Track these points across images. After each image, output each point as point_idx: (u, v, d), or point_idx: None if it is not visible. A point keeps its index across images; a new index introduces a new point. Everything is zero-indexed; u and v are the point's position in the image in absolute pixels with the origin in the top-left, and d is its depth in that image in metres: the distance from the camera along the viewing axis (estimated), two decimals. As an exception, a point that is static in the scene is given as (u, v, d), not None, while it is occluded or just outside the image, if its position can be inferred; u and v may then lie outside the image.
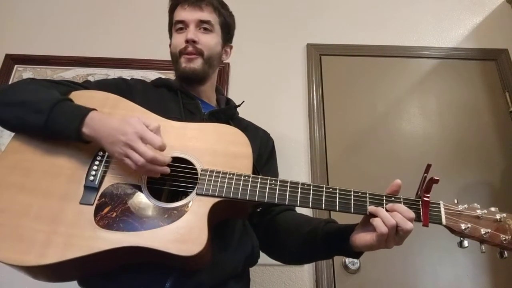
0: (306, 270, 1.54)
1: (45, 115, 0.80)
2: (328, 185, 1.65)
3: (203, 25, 1.09)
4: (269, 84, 1.89)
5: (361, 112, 1.84)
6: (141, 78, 1.81)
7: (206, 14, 1.09)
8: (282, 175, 1.69)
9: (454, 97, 1.87)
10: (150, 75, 1.89)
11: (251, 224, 1.02)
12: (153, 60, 1.89)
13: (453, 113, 1.83)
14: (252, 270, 1.04)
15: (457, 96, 1.87)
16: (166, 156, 0.79)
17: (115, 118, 0.81)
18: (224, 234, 0.89)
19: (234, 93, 1.85)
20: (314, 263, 1.54)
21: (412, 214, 0.76)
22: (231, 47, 1.21)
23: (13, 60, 1.93)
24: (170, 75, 1.94)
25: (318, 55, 1.96)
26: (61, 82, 0.96)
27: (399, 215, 0.76)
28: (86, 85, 1.01)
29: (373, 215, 0.78)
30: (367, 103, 1.86)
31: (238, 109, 1.18)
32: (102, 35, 2.02)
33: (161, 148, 0.78)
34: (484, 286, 1.52)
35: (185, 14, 1.08)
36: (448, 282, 1.51)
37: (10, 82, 1.88)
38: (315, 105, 1.83)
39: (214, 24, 1.11)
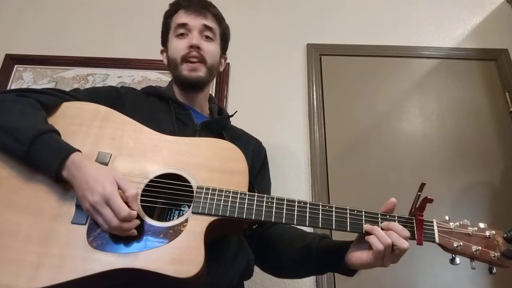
0: (306, 270, 1.54)
1: (26, 147, 0.76)
2: (328, 184, 1.67)
3: (206, 32, 1.07)
4: (269, 84, 1.89)
5: (361, 112, 1.84)
6: (131, 86, 1.80)
7: (210, 21, 1.09)
8: (282, 175, 1.71)
9: (454, 97, 1.86)
10: (150, 75, 1.90)
11: (245, 235, 1.00)
12: (153, 60, 1.88)
13: (453, 113, 1.83)
14: (254, 270, 1.04)
15: (457, 96, 1.86)
16: (132, 222, 0.74)
17: (94, 169, 0.76)
18: (219, 249, 0.88)
19: (234, 93, 1.86)
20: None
21: (407, 233, 0.77)
22: (225, 59, 1.21)
23: (13, 60, 1.93)
24: (170, 75, 1.94)
25: (318, 55, 1.96)
26: (50, 93, 0.92)
27: (394, 234, 0.76)
28: (76, 94, 0.97)
29: (369, 234, 0.78)
30: (367, 103, 1.86)
31: (237, 110, 1.18)
32: (102, 35, 2.02)
33: (126, 220, 0.73)
34: (484, 286, 1.52)
35: (189, 18, 1.06)
36: (448, 282, 1.51)
37: (10, 82, 1.88)
38: (315, 105, 1.83)
39: (216, 33, 1.11)
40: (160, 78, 1.89)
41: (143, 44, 1.95)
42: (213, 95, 1.78)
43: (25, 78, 1.90)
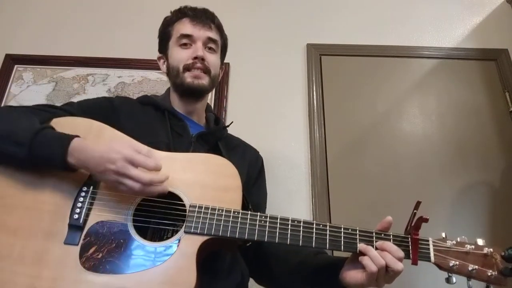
0: (306, 270, 1.54)
1: (26, 147, 0.76)
2: (328, 184, 1.67)
3: (210, 44, 1.07)
4: (269, 84, 1.89)
5: (361, 112, 1.84)
6: (126, 96, 1.81)
7: (214, 34, 1.09)
8: (282, 175, 1.71)
9: (454, 97, 1.86)
10: (150, 75, 1.90)
11: (240, 250, 0.99)
12: (153, 60, 1.84)
13: (453, 113, 1.83)
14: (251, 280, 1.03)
15: (457, 96, 1.86)
16: (162, 175, 0.77)
17: (101, 144, 0.78)
18: (214, 264, 0.87)
19: (234, 93, 1.86)
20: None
21: (401, 254, 0.76)
22: (223, 69, 1.21)
23: (13, 60, 1.93)
24: (170, 75, 1.95)
25: (318, 55, 1.95)
26: (42, 109, 0.92)
27: (389, 255, 0.76)
28: (69, 108, 0.97)
29: (363, 254, 0.78)
30: (367, 103, 1.86)
31: (235, 114, 1.18)
32: (102, 35, 2.02)
33: (156, 169, 0.76)
34: (484, 286, 1.51)
35: (194, 30, 1.05)
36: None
37: (10, 82, 1.88)
38: (315, 105, 1.83)
39: (218, 45, 1.11)
40: (160, 78, 1.88)
41: (143, 44, 1.94)
42: (213, 95, 1.79)
43: (25, 78, 1.90)
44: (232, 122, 1.21)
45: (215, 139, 1.08)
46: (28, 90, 1.87)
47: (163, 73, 1.17)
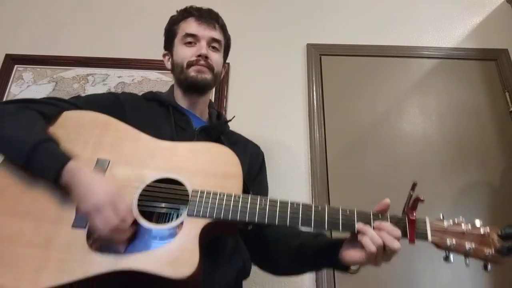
0: (306, 270, 1.54)
1: (24, 156, 0.79)
2: (328, 185, 1.67)
3: (214, 44, 1.11)
4: (269, 84, 1.89)
5: (361, 112, 1.84)
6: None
7: (218, 34, 1.13)
8: (282, 175, 1.71)
9: (454, 97, 1.87)
10: (150, 75, 1.90)
11: (241, 236, 1.02)
12: (153, 60, 1.88)
13: (453, 113, 1.83)
14: (252, 270, 1.04)
15: (457, 96, 1.87)
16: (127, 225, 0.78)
17: (88, 177, 0.80)
18: (215, 250, 0.90)
19: (234, 93, 1.86)
20: (314, 263, 1.54)
21: (398, 233, 0.78)
22: (225, 67, 1.24)
23: (13, 60, 1.93)
24: (171, 75, 1.93)
25: (318, 55, 1.96)
26: (51, 102, 0.95)
27: (386, 234, 0.77)
28: (76, 101, 1.00)
29: (361, 233, 0.79)
30: (367, 103, 1.86)
31: (235, 114, 1.20)
32: (102, 35, 2.02)
33: (123, 220, 0.77)
34: (484, 286, 1.52)
35: (199, 29, 1.09)
36: (448, 282, 1.51)
37: (10, 82, 1.88)
38: (315, 105, 1.83)
39: (222, 44, 1.15)
40: (160, 78, 1.89)
41: (143, 44, 1.95)
42: (213, 94, 1.79)
43: (25, 78, 1.90)
44: (234, 116, 1.23)
45: (218, 133, 1.11)
46: (28, 90, 1.87)
47: (163, 73, 1.19)
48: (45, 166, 0.80)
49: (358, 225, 0.80)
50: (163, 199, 0.84)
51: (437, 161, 1.71)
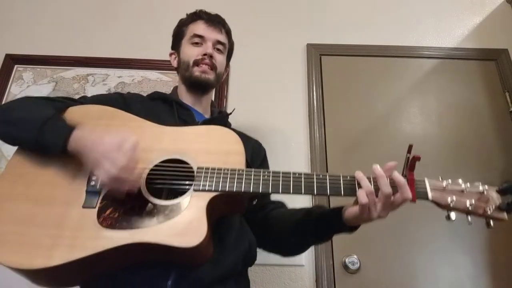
0: (306, 270, 1.54)
1: (34, 135, 0.84)
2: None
3: (218, 46, 1.19)
4: (269, 84, 1.89)
5: (361, 112, 1.84)
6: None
7: (223, 37, 1.21)
8: (282, 175, 1.71)
9: (454, 97, 1.87)
10: (150, 75, 1.90)
11: (246, 220, 1.06)
12: (153, 60, 1.89)
13: (453, 113, 1.83)
14: (252, 270, 1.05)
15: (457, 96, 1.87)
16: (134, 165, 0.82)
17: (94, 135, 0.85)
18: (221, 233, 0.92)
19: (234, 93, 1.86)
20: (314, 262, 1.54)
21: (398, 179, 0.82)
22: (227, 70, 1.32)
23: (13, 60, 1.93)
24: (171, 75, 1.95)
25: (318, 55, 1.96)
26: (57, 99, 1.00)
27: (381, 179, 0.82)
28: (83, 100, 1.04)
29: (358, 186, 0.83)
30: (367, 103, 1.86)
31: (234, 116, 1.24)
32: (102, 35, 2.02)
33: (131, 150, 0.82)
34: (484, 286, 1.52)
35: (206, 31, 1.17)
36: (448, 282, 1.51)
37: (10, 82, 1.88)
38: (315, 105, 1.83)
39: (226, 47, 1.23)
40: (160, 78, 1.89)
41: (143, 44, 1.95)
42: (214, 94, 1.79)
43: (25, 78, 1.90)
44: (234, 109, 1.28)
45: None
46: (28, 90, 1.87)
47: (163, 73, 1.22)
48: (56, 135, 0.84)
49: (356, 174, 0.85)
50: (170, 176, 0.87)
51: (437, 161, 1.71)
